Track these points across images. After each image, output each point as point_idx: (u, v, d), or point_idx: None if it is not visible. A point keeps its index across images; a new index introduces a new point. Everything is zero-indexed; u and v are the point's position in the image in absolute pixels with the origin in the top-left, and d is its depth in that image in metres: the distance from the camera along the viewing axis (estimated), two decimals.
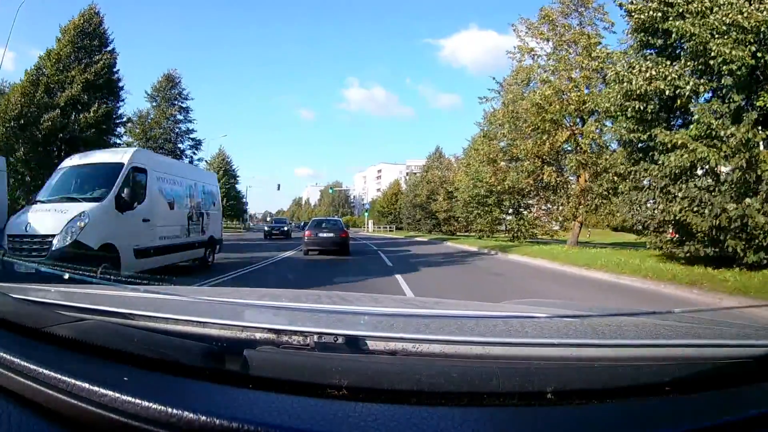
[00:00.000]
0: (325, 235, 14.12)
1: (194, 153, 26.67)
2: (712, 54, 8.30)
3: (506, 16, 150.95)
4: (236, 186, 60.20)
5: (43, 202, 6.63)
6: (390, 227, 56.08)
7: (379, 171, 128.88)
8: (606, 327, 1.06)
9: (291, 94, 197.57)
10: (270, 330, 0.79)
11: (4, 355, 0.73)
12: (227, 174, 52.81)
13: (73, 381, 0.64)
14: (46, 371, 0.67)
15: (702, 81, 8.94)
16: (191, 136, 26.97)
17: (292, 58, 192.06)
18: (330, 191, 54.25)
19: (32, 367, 0.69)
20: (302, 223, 44.57)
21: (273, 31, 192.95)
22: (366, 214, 55.43)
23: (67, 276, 1.29)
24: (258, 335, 0.79)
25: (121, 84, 20.71)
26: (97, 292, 1.28)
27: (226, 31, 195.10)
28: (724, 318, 1.30)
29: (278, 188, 51.86)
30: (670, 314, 1.25)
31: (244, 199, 58.39)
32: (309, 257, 13.30)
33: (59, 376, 0.66)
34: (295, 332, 0.78)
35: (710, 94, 9.36)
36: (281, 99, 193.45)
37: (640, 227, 10.70)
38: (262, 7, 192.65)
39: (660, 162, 9.24)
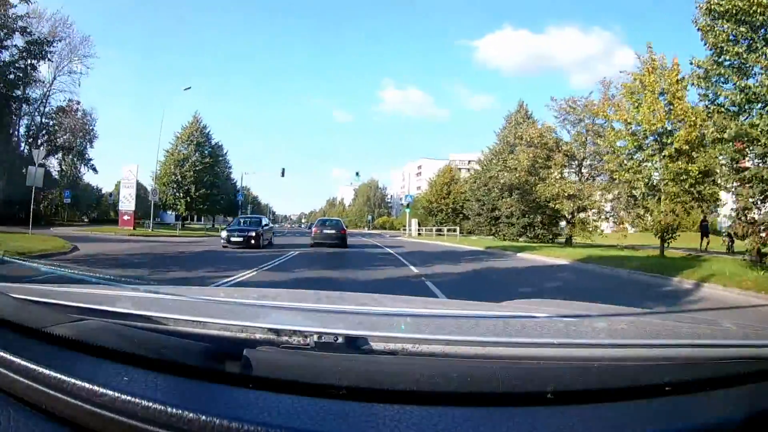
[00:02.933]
0: (327, 231, 17.73)
1: (33, 66, 10.47)
2: None
3: (540, 16, 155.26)
4: (227, 172, 45.30)
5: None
6: (448, 230, 33.99)
7: (419, 167, 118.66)
8: (606, 327, 1.07)
9: (327, 97, 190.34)
10: (270, 330, 0.79)
11: (5, 355, 0.73)
12: (200, 149, 37.09)
13: (73, 381, 0.64)
14: (46, 371, 0.67)
15: None
16: (23, 25, 10.00)
17: (326, 60, 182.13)
18: (356, 176, 38.05)
19: (32, 367, 0.69)
20: (310, 224, 41.10)
21: (303, 32, 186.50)
22: (407, 211, 38.17)
23: (67, 276, 1.32)
24: (258, 335, 0.78)
25: None
26: (97, 292, 1.29)
27: (256, 34, 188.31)
28: (725, 318, 1.34)
29: (282, 174, 38.25)
30: (670, 314, 1.36)
31: (240, 190, 43.14)
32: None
33: (59, 376, 0.65)
34: (295, 332, 0.77)
35: None
36: (317, 101, 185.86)
37: None
38: (291, 9, 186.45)
39: None
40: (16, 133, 28.69)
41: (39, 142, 32.58)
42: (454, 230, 33.18)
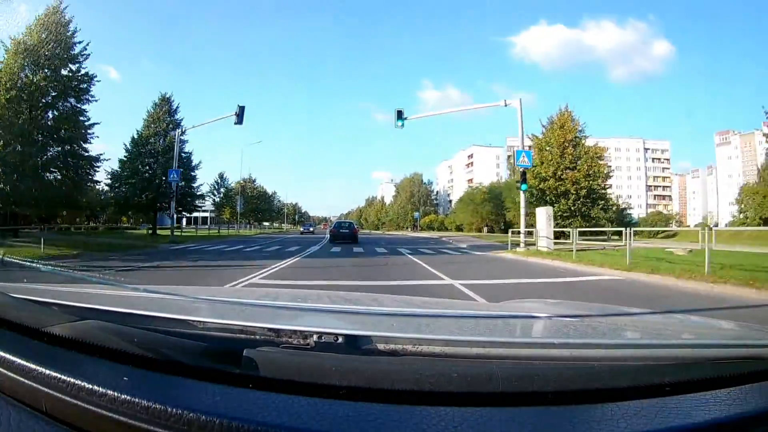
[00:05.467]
0: (343, 231, 21.61)
1: None
2: None
3: (574, 9, 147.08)
4: (169, 132, 27.38)
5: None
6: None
7: (470, 156, 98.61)
8: (606, 327, 1.07)
9: (368, 99, 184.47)
10: (270, 330, 0.79)
11: (5, 355, 0.73)
12: (38, 62, 17.35)
13: (73, 381, 0.64)
14: (46, 371, 0.67)
15: None
16: None
17: (365, 63, 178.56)
18: (398, 120, 16.84)
19: (32, 367, 0.69)
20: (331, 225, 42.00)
21: (338, 36, 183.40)
22: (522, 190, 17.01)
23: (67, 276, 1.27)
24: (258, 335, 0.78)
25: None
26: (97, 292, 1.29)
27: (296, 39, 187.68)
28: (724, 318, 1.26)
29: (238, 118, 21.73)
30: (670, 314, 1.34)
31: (195, 174, 30.72)
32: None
33: (59, 376, 0.66)
34: (295, 332, 0.78)
35: None
36: (356, 103, 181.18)
37: None
38: (322, 12, 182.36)
39: None
40: None
41: None
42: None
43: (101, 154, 22.58)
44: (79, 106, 20.56)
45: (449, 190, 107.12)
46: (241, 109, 19.28)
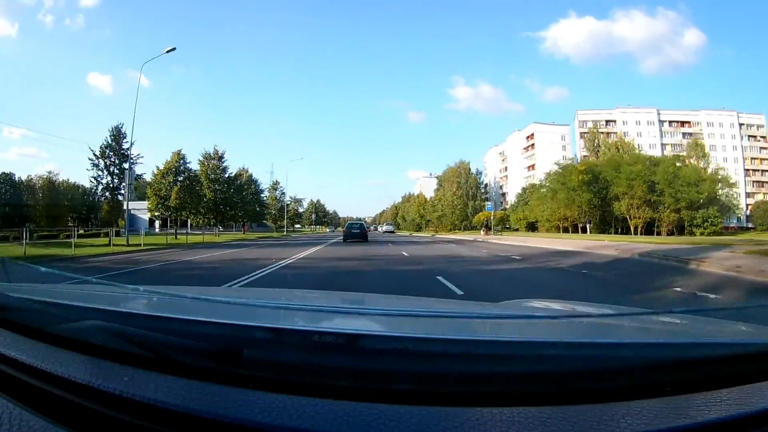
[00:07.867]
0: (354, 231, 25.47)
1: None
2: None
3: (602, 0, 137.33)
4: None
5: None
6: None
7: (530, 137, 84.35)
8: (606, 327, 1.07)
9: (401, 99, 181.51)
10: (270, 330, 0.79)
11: (5, 354, 0.74)
12: None
13: (73, 381, 0.65)
14: (46, 371, 0.68)
15: None
16: None
17: (395, 62, 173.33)
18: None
19: (33, 366, 0.70)
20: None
21: (368, 34, 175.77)
22: None
23: (67, 276, 1.28)
24: (258, 335, 0.79)
25: None
26: (97, 292, 1.29)
27: (323, 42, 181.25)
28: (724, 318, 1.29)
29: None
30: (670, 314, 1.29)
31: None
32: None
33: (60, 376, 0.67)
34: (295, 332, 0.79)
35: None
36: (388, 104, 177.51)
37: None
38: (354, 13, 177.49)
39: None
40: None
41: None
42: None
43: None
44: None
45: (501, 181, 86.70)
46: None
